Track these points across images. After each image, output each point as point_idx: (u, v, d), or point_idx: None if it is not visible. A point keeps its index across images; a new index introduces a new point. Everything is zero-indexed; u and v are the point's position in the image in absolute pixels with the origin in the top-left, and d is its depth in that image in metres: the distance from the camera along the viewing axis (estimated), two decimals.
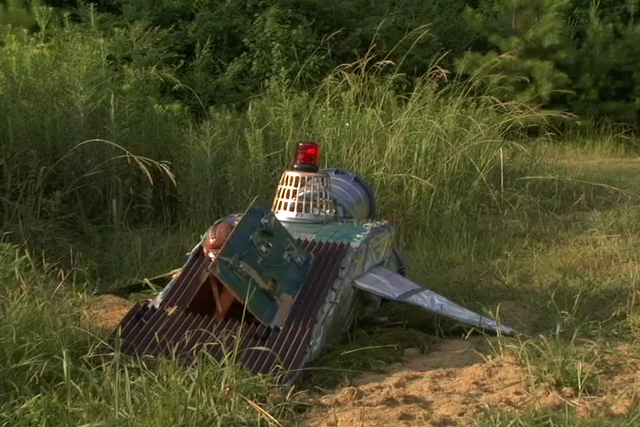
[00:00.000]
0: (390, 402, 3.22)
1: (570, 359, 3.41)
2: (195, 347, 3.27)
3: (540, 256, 6.14)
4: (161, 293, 4.03)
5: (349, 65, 8.33)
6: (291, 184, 4.61)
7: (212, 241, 3.93)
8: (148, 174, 5.65)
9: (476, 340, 3.97)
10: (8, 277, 3.83)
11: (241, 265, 3.76)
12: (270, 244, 4.00)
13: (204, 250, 4.01)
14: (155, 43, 8.92)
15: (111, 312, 4.44)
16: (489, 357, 3.75)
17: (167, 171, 5.57)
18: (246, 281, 3.73)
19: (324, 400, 3.23)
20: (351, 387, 3.36)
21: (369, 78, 8.28)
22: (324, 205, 4.65)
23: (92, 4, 8.09)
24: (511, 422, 2.82)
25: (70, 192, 6.19)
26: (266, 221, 4.02)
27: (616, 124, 12.71)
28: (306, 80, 8.73)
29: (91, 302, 4.18)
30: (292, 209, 4.56)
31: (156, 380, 3.07)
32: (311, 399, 3.24)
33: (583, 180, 8.46)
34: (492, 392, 3.34)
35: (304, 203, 4.57)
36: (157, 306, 3.84)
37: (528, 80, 11.72)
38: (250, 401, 3.00)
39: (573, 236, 6.85)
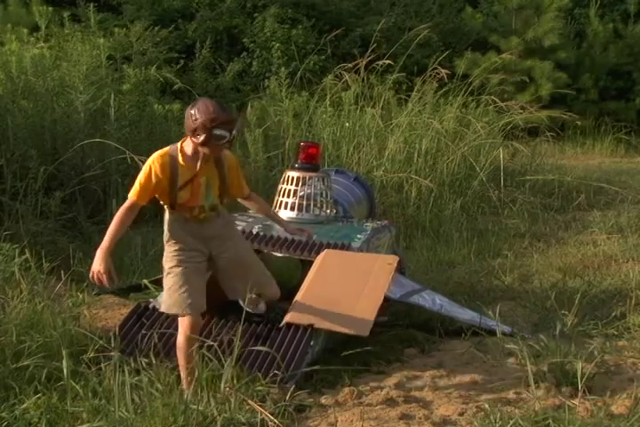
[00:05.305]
0: (390, 402, 3.22)
1: (570, 359, 3.40)
2: (195, 347, 3.26)
3: (540, 256, 6.13)
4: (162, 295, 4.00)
5: (349, 65, 8.33)
6: (291, 184, 4.61)
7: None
8: None
9: (476, 340, 3.97)
10: (8, 277, 3.83)
11: None
12: None
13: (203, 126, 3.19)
14: (155, 43, 8.94)
15: (111, 312, 4.43)
16: (489, 357, 3.76)
17: None
18: None
19: (324, 400, 3.23)
20: (351, 387, 3.35)
21: (369, 78, 8.28)
22: (324, 205, 4.66)
23: (91, 4, 8.10)
24: (511, 422, 2.82)
25: (70, 192, 6.18)
26: None
27: (616, 124, 12.72)
28: (306, 80, 8.73)
29: (91, 302, 4.17)
30: (292, 208, 4.57)
31: (155, 380, 3.06)
32: (311, 399, 3.23)
33: (583, 180, 8.46)
34: (492, 392, 3.34)
35: (305, 202, 4.57)
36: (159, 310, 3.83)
37: (528, 80, 11.73)
38: (250, 401, 2.99)
39: (573, 236, 6.85)
